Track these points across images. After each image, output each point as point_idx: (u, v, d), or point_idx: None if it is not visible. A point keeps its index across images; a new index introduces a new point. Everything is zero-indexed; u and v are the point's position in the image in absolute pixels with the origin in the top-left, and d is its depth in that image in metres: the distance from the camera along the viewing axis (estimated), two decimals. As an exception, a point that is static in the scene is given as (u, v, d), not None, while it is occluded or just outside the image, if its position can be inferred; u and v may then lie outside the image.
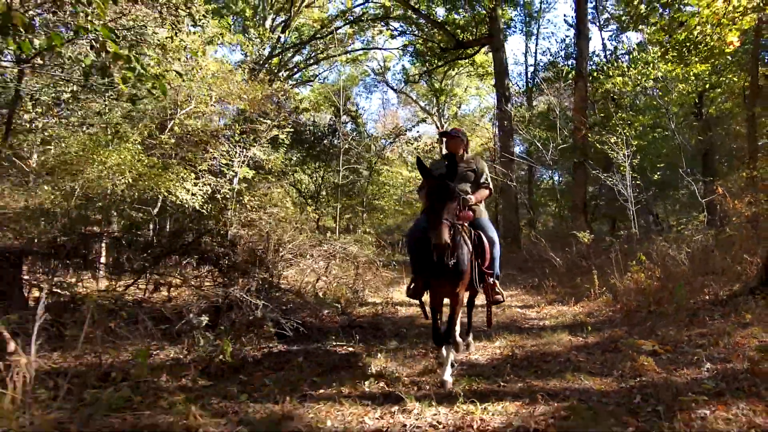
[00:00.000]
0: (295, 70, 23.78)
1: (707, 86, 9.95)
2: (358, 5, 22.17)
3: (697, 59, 8.28)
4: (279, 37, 20.46)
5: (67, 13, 4.04)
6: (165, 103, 8.17)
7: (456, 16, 16.92)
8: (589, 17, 15.22)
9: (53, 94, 6.93)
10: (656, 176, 10.25)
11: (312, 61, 24.33)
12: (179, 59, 7.32)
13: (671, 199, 14.24)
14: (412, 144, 21.71)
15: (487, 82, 21.76)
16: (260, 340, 3.96)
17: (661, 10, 8.01)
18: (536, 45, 18.23)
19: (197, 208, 8.08)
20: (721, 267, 6.53)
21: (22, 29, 2.59)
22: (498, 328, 5.19)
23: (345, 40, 23.89)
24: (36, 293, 4.72)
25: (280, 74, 20.32)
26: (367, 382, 3.28)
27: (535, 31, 17.72)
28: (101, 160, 7.24)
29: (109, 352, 3.18)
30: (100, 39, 2.46)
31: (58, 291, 4.40)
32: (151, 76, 2.77)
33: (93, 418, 2.45)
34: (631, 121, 10.28)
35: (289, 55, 22.70)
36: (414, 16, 17.99)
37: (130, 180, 7.57)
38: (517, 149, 15.94)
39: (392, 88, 29.43)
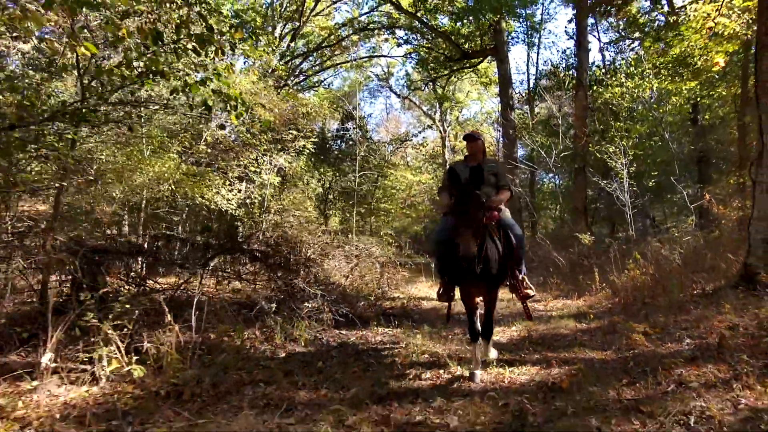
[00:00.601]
0: (302, 77, 24.61)
1: (698, 99, 10.83)
2: (364, 14, 23.13)
3: (689, 73, 9.18)
4: (288, 46, 21.35)
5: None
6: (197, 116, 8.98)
7: (459, 26, 17.68)
8: (589, 27, 16.12)
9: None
10: (651, 183, 11.10)
11: (318, 68, 25.23)
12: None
13: (669, 202, 15.08)
14: (418, 149, 22.60)
15: (490, 90, 22.61)
16: (319, 323, 4.78)
17: (654, 28, 8.91)
18: (538, 54, 19.12)
19: (231, 212, 8.88)
20: (710, 265, 7.35)
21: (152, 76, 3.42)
22: (512, 317, 6.02)
23: (351, 47, 24.81)
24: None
25: (289, 81, 21.14)
26: (414, 355, 4.11)
27: (536, 41, 18.62)
28: (146, 169, 8.06)
29: (215, 330, 4.00)
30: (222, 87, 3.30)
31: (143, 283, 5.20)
32: (245, 108, 3.60)
33: (218, 375, 3.28)
34: (629, 130, 11.12)
35: (297, 62, 23.50)
36: (419, 25, 18.80)
37: (173, 187, 8.37)
38: (519, 152, 16.76)
39: (396, 93, 30.29)
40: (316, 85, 27.06)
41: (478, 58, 17.55)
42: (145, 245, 5.53)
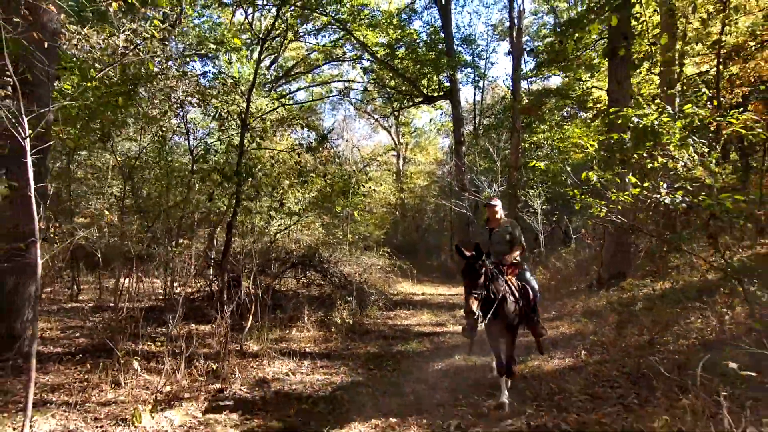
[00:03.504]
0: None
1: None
2: (333, 41, 27.13)
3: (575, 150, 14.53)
4: (268, 68, 25.09)
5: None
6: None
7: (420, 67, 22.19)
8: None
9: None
10: (555, 217, 16.35)
11: (290, 87, 29.09)
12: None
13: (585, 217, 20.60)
14: (381, 167, 27.13)
15: (447, 125, 27.53)
16: (376, 307, 9.28)
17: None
18: (482, 94, 24.15)
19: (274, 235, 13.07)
20: (585, 272, 12.56)
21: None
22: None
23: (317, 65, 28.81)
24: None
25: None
26: (427, 320, 8.79)
27: (481, 86, 23.83)
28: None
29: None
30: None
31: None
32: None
33: (356, 328, 7.80)
34: (546, 167, 16.26)
35: (272, 84, 27.18)
36: (381, 66, 22.86)
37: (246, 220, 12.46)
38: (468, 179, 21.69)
39: (355, 107, 34.60)
40: (282, 97, 30.76)
41: (436, 101, 22.38)
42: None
